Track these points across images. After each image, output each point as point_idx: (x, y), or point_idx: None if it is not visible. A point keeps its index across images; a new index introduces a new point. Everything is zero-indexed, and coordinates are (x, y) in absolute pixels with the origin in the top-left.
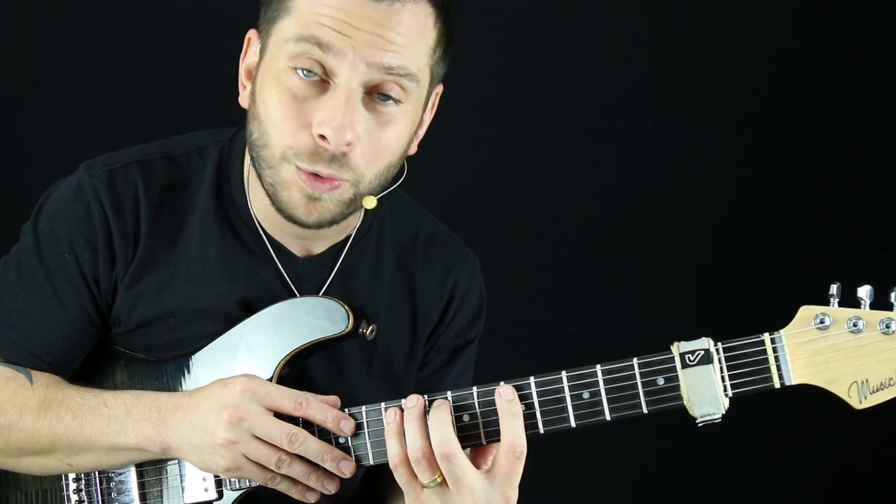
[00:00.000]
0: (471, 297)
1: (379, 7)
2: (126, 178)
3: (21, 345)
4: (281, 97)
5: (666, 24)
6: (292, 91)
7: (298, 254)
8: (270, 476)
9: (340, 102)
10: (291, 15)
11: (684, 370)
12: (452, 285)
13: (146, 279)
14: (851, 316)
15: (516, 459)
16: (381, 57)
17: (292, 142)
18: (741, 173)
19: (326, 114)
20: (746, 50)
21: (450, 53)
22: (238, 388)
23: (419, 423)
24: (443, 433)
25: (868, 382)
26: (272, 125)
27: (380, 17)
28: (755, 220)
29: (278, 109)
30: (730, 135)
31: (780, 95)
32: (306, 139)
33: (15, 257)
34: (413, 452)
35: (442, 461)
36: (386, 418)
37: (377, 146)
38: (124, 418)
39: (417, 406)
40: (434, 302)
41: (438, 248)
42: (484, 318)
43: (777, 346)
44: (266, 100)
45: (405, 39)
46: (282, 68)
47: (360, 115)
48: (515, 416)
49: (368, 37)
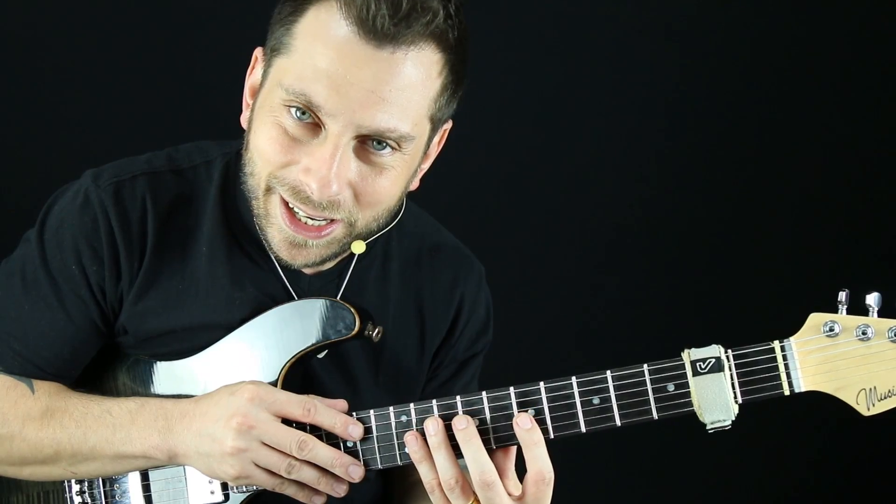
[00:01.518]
0: (478, 310)
1: (379, 55)
2: (133, 191)
3: (25, 357)
4: (272, 132)
5: (672, 31)
6: (284, 128)
7: (306, 272)
8: (279, 482)
9: (327, 154)
10: (290, 55)
11: (695, 377)
12: (459, 299)
13: (152, 294)
14: (860, 324)
15: (546, 486)
16: (372, 119)
17: (279, 173)
18: (752, 179)
19: (313, 163)
20: (758, 55)
21: (459, 94)
22: (246, 395)
23: (447, 451)
24: (481, 461)
25: (876, 390)
26: (259, 155)
27: (377, 67)
28: (763, 227)
29: (267, 142)
30: (741, 140)
31: (789, 100)
32: (294, 174)
33: (19, 265)
34: (447, 481)
35: (482, 489)
36: (409, 446)
37: (371, 193)
38: (129, 426)
39: (439, 433)
40: (441, 316)
41: (443, 259)
42: (492, 328)
43: (787, 353)
44: (258, 130)
45: (401, 95)
46: (276, 104)
47: (347, 166)
48: (538, 444)
49: (362, 95)
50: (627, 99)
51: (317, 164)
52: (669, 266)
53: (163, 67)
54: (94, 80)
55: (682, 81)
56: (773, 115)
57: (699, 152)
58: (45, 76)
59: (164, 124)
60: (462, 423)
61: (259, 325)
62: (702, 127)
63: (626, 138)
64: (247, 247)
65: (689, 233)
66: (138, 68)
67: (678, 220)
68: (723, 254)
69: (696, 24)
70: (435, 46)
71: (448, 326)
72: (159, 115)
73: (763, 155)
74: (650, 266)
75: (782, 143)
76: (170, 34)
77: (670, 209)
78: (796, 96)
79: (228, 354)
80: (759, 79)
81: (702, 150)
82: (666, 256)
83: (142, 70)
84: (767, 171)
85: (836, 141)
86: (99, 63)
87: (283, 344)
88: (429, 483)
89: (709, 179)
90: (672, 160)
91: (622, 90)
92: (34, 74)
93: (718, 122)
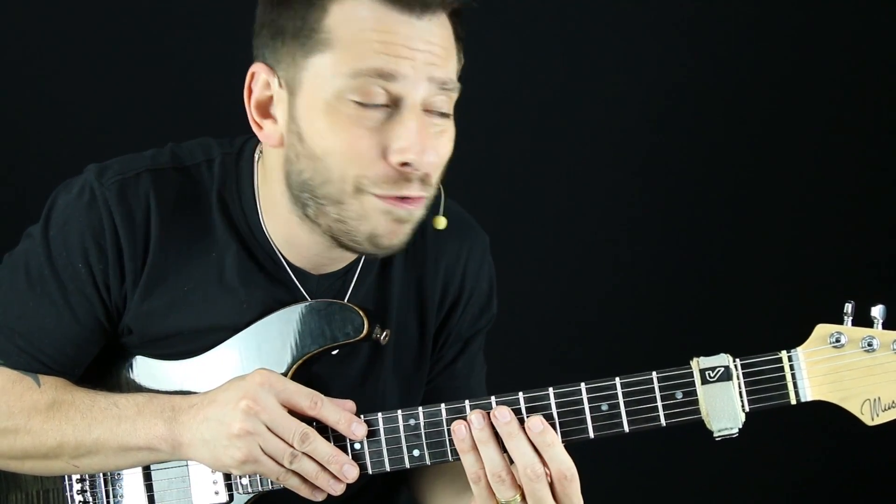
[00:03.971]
0: (481, 284)
1: (419, 24)
2: (137, 189)
3: (30, 353)
4: (345, 129)
5: (674, 35)
6: (357, 121)
7: (313, 272)
8: (283, 471)
9: (414, 127)
10: (334, 47)
11: (704, 386)
12: (462, 275)
13: (157, 294)
14: (866, 335)
15: (570, 483)
16: (437, 71)
17: (368, 171)
18: (761, 189)
19: (406, 140)
20: (761, 59)
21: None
22: (257, 379)
23: (495, 443)
24: (528, 454)
25: (880, 400)
26: (337, 158)
27: (422, 34)
28: (772, 240)
29: (344, 142)
30: (749, 150)
31: (795, 106)
32: (384, 168)
33: (23, 261)
34: (497, 474)
35: (529, 481)
36: (456, 435)
37: (442, 158)
38: (135, 418)
39: (486, 428)
40: (443, 294)
41: (446, 230)
42: (495, 301)
43: (794, 363)
44: (323, 134)
45: (446, 52)
46: (337, 100)
47: (432, 133)
48: (552, 445)
49: (422, 55)
50: (640, 104)
51: (409, 140)
52: (679, 277)
53: (163, 62)
54: (94, 74)
55: (695, 87)
56: (781, 124)
57: (707, 161)
58: (44, 71)
59: (166, 119)
60: (506, 417)
61: (266, 326)
62: (711, 137)
63: (632, 144)
64: (254, 250)
65: (699, 243)
66: (138, 63)
67: (688, 230)
68: (733, 264)
69: (700, 27)
70: (447, 14)
71: (450, 305)
72: (161, 110)
73: (773, 165)
74: (660, 277)
75: (793, 155)
76: (170, 29)
77: (680, 218)
78: (803, 104)
79: (235, 355)
80: (768, 83)
81: (710, 159)
82: (676, 267)
83: (142, 65)
84: (776, 181)
85: (845, 152)
86: (99, 58)
87: (291, 346)
88: (474, 473)
89: (718, 188)
90: (681, 170)
91: (635, 93)
92: (33, 69)
93: (727, 132)
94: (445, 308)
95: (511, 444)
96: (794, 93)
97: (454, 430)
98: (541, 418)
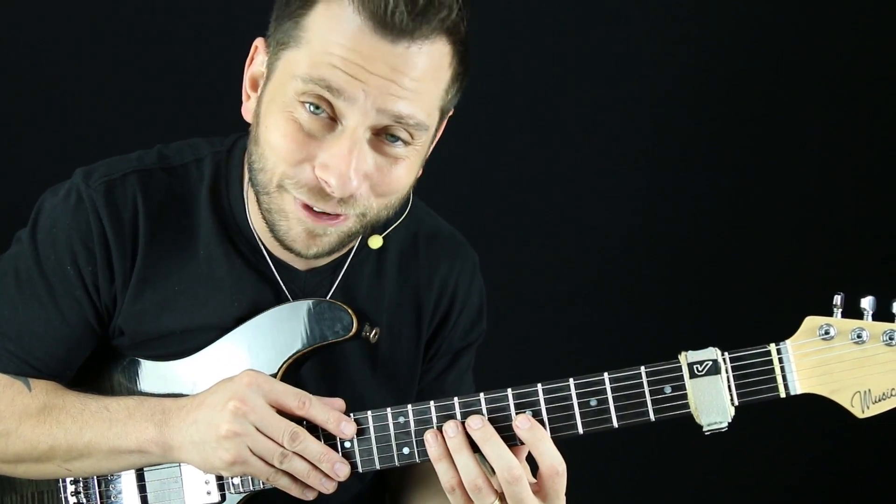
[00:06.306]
0: (472, 298)
1: (395, 50)
2: (125, 190)
3: (20, 357)
4: (285, 126)
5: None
6: (298, 123)
7: (300, 268)
8: (273, 472)
9: (345, 149)
10: (302, 48)
11: (692, 380)
12: (453, 288)
13: (147, 295)
14: (855, 327)
15: (559, 478)
16: (393, 104)
17: (293, 172)
18: (748, 182)
19: (331, 159)
20: (756, 55)
21: (464, 84)
22: (245, 380)
23: (469, 452)
24: (505, 457)
25: (871, 392)
26: (272, 151)
27: (394, 61)
28: (759, 230)
29: (281, 138)
30: (736, 143)
31: (784, 102)
32: (308, 174)
33: (12, 265)
34: (473, 482)
35: (508, 485)
36: (429, 445)
37: (386, 184)
38: (126, 421)
39: (459, 435)
40: (436, 305)
41: (439, 247)
42: (486, 317)
43: (783, 356)
44: (269, 125)
45: (418, 85)
46: (289, 99)
47: (364, 160)
48: (542, 441)
49: (381, 82)
50: (627, 102)
51: (335, 159)
52: (666, 269)
53: (154, 64)
54: (85, 77)
55: (683, 85)
56: (770, 119)
57: (696, 154)
58: (36, 75)
59: (155, 121)
60: (477, 423)
61: (255, 326)
62: (699, 131)
63: (622, 139)
64: (241, 247)
65: (686, 236)
66: (130, 65)
67: (676, 223)
68: (720, 257)
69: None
70: (447, 39)
71: (442, 316)
72: (150, 113)
73: (760, 158)
74: (647, 269)
75: (779, 147)
76: (162, 30)
77: (668, 212)
78: (793, 99)
79: (224, 355)
80: (757, 79)
81: (699, 153)
82: (663, 259)
83: (133, 67)
84: (764, 175)
85: (833, 145)
86: (90, 60)
87: (280, 345)
88: (448, 482)
89: (706, 182)
90: (669, 163)
91: (622, 93)
92: (33, 69)
93: (715, 127)
94: (437, 318)
95: (486, 448)
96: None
97: (426, 440)
98: (528, 416)
